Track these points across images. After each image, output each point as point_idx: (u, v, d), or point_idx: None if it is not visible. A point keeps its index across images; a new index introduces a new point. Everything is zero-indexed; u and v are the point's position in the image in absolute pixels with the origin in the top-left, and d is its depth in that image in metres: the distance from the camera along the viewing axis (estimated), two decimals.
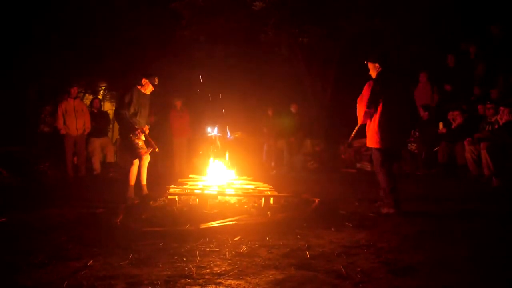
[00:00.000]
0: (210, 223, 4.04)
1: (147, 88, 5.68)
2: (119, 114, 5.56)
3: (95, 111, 9.24)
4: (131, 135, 5.51)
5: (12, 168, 7.33)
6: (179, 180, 6.08)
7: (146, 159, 5.67)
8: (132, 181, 5.68)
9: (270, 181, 6.26)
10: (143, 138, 5.63)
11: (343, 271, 2.81)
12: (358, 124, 5.11)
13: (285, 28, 9.62)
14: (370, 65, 5.12)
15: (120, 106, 5.57)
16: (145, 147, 5.63)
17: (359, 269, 2.84)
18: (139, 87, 5.64)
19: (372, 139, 4.85)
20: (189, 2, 9.74)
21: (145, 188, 5.69)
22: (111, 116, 10.95)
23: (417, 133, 8.11)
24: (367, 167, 8.98)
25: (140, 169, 5.65)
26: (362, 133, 9.44)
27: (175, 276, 2.73)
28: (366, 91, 4.88)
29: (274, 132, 9.79)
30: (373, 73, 5.06)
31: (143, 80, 5.64)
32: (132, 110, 5.50)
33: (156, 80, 5.71)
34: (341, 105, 9.88)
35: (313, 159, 9.73)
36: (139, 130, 5.54)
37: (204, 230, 3.86)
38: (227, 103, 9.76)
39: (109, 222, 4.22)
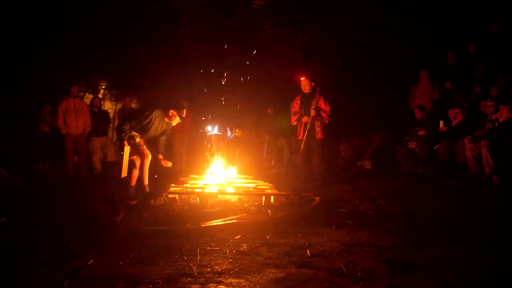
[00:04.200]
0: (210, 221, 4.05)
1: (174, 120, 5.55)
2: (119, 130, 5.52)
3: (96, 110, 9.24)
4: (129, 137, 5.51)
5: (13, 167, 7.33)
6: (180, 179, 6.09)
7: (147, 158, 5.66)
8: (133, 181, 5.69)
9: (271, 180, 6.27)
10: (138, 140, 5.59)
11: (344, 269, 2.81)
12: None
13: (284, 26, 9.61)
14: (306, 82, 7.00)
15: (129, 120, 5.48)
16: (143, 143, 5.62)
17: (359, 267, 2.84)
18: (165, 118, 5.50)
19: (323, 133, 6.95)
20: (189, 1, 9.73)
21: (147, 188, 5.69)
22: (111, 115, 10.95)
23: (418, 132, 8.10)
24: (368, 165, 8.98)
25: (142, 168, 5.65)
26: (362, 132, 9.50)
27: (176, 275, 2.74)
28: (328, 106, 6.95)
29: (274, 131, 9.79)
30: (306, 88, 7.02)
31: (171, 111, 5.48)
32: (142, 128, 5.48)
33: (185, 113, 5.52)
34: (341, 103, 9.89)
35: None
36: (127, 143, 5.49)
37: (205, 228, 3.87)
38: (227, 102, 9.76)
39: (109, 221, 4.23)
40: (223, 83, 9.40)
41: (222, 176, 6.23)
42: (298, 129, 7.25)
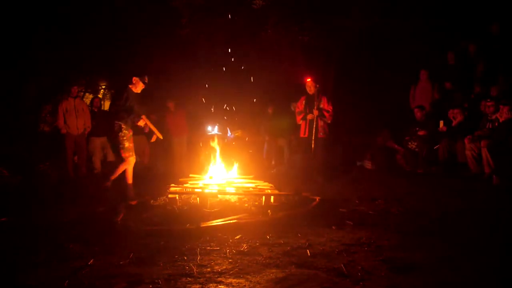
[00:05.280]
0: (210, 222, 4.05)
1: (138, 86, 5.85)
2: (120, 113, 5.71)
3: (96, 110, 9.24)
4: (122, 132, 5.65)
5: (13, 167, 7.33)
6: (180, 179, 6.08)
7: (132, 160, 5.79)
8: (130, 179, 5.74)
9: (271, 180, 6.26)
10: (130, 139, 5.75)
11: (344, 269, 2.81)
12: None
13: (285, 26, 9.61)
14: (312, 83, 7.34)
15: (118, 105, 5.74)
16: (132, 150, 5.72)
17: (359, 267, 2.84)
18: (130, 86, 5.77)
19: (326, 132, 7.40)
20: (189, 1, 9.74)
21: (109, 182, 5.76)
22: None
23: (418, 132, 8.10)
24: (368, 165, 8.97)
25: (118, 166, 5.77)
26: (362, 131, 9.51)
27: (176, 275, 2.74)
28: (330, 106, 7.34)
29: (275, 131, 9.79)
30: (312, 90, 7.35)
31: (134, 79, 5.82)
32: (127, 109, 5.70)
33: (146, 79, 5.90)
34: (341, 103, 9.88)
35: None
36: (142, 118, 5.80)
37: (205, 229, 3.87)
38: (227, 102, 9.77)
39: (109, 221, 4.23)
40: (223, 86, 9.43)
41: (222, 176, 6.23)
42: (302, 127, 7.56)
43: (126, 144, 5.68)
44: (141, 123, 5.88)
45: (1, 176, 7.07)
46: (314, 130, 7.31)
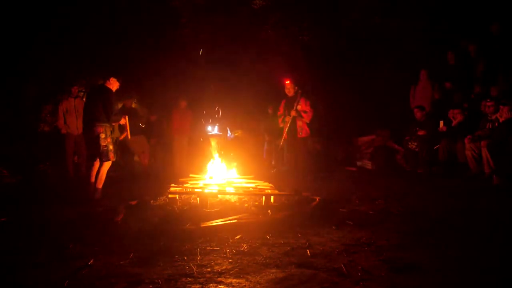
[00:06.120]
0: (210, 222, 4.04)
1: (114, 86, 5.85)
2: (110, 115, 5.68)
3: None
4: (112, 135, 5.74)
5: (13, 167, 7.33)
6: (180, 179, 6.08)
7: (108, 164, 5.77)
8: (93, 178, 5.71)
9: (271, 180, 6.26)
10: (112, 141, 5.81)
11: (344, 269, 2.81)
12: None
13: (285, 26, 9.62)
14: (291, 85, 7.61)
15: (104, 107, 5.70)
16: (113, 152, 5.76)
17: (359, 267, 2.84)
18: (108, 85, 5.77)
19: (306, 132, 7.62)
20: (189, 1, 9.75)
21: (99, 192, 5.69)
22: None
23: (418, 132, 8.10)
24: (368, 165, 8.98)
25: (100, 171, 5.70)
26: (362, 132, 9.56)
27: (176, 275, 2.74)
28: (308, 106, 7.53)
29: (275, 131, 9.79)
30: (291, 92, 7.61)
31: (111, 79, 5.81)
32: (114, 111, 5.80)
33: (121, 79, 5.93)
34: (341, 103, 9.89)
35: (313, 157, 9.73)
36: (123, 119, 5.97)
37: (205, 229, 3.86)
38: (228, 102, 9.75)
39: (109, 221, 4.23)
40: (221, 83, 9.43)
41: (222, 176, 6.23)
42: (285, 130, 7.82)
43: (111, 146, 5.67)
44: (122, 121, 5.97)
45: (1, 176, 7.07)
46: (287, 131, 7.56)
